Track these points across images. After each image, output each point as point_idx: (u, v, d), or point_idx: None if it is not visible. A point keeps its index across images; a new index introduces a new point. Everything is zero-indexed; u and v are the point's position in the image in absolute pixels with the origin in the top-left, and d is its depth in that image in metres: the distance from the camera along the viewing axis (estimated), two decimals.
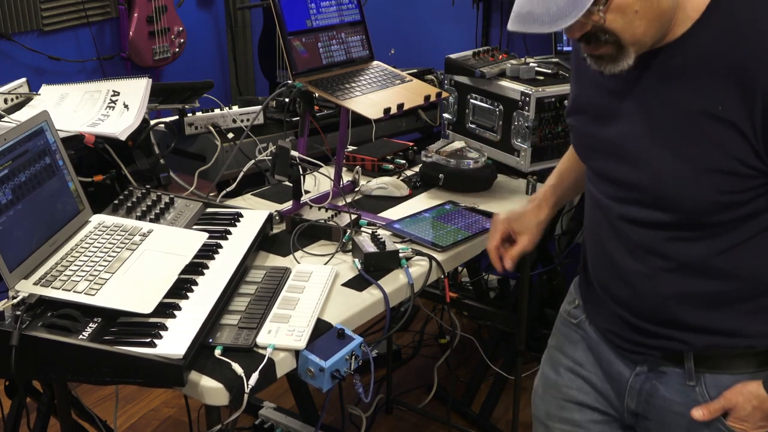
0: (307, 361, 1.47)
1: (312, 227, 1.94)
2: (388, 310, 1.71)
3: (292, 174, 1.94)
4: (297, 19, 2.04)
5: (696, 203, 1.28)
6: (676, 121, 1.27)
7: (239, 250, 1.73)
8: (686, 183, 1.27)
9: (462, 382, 3.11)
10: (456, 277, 3.59)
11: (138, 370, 1.34)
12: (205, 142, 2.29)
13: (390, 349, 3.02)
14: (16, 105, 2.07)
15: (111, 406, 2.73)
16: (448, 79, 2.62)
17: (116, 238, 1.65)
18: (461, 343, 3.31)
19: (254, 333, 1.49)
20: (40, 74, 3.56)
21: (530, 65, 2.47)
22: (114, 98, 2.07)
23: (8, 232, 1.46)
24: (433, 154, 2.32)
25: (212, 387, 1.37)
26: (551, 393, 1.65)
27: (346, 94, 2.01)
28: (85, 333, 1.39)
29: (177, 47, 3.97)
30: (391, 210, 2.16)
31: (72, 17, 3.69)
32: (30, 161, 1.58)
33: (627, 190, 1.36)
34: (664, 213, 1.32)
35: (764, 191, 1.26)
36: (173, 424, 2.87)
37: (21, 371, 1.36)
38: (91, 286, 1.48)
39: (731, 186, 1.25)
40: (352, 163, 2.41)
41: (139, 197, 1.87)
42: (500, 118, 2.44)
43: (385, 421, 2.96)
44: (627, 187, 1.35)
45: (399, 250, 1.82)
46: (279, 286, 1.67)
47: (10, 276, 1.45)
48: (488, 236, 1.76)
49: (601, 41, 1.24)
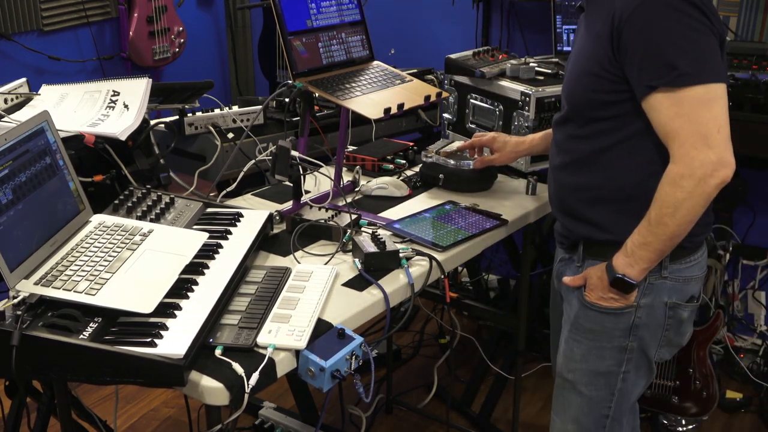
0: (307, 361, 1.47)
1: (312, 227, 1.94)
2: (388, 310, 1.71)
3: (292, 174, 1.94)
4: (297, 19, 2.04)
5: (578, 99, 1.72)
6: (583, 40, 1.72)
7: (239, 250, 1.73)
8: (573, 83, 1.73)
9: (462, 382, 3.11)
10: (456, 277, 3.60)
11: (138, 370, 1.34)
12: (205, 142, 2.29)
13: (390, 349, 3.02)
14: (16, 105, 2.07)
15: (111, 406, 2.73)
16: (448, 79, 2.62)
17: (117, 238, 1.65)
18: (461, 343, 3.32)
19: (254, 333, 1.49)
20: (40, 74, 3.55)
21: (530, 65, 2.48)
22: (114, 98, 2.07)
23: (9, 232, 1.46)
24: (433, 154, 2.32)
25: (212, 387, 1.37)
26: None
27: (346, 94, 2.01)
28: (85, 333, 1.39)
29: (177, 47, 3.97)
30: (391, 210, 2.16)
31: (72, 17, 3.69)
32: (30, 161, 1.58)
33: (563, 98, 1.81)
34: (567, 112, 1.77)
35: (625, 97, 1.63)
36: (173, 424, 2.87)
37: (21, 371, 1.36)
38: (91, 286, 1.48)
39: (597, 85, 1.66)
40: (352, 163, 2.41)
41: (139, 197, 1.87)
42: (500, 118, 2.44)
43: (385, 421, 2.96)
44: (564, 96, 1.80)
45: (399, 250, 1.82)
46: (279, 286, 1.67)
47: (11, 276, 1.45)
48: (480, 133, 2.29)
49: None
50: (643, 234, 1.64)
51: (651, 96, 1.58)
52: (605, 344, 1.79)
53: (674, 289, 1.76)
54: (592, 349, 1.81)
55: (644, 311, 1.75)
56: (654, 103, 1.58)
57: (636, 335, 1.77)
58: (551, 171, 1.87)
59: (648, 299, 1.74)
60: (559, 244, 1.93)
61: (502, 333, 3.09)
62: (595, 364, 1.81)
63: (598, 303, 1.76)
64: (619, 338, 1.78)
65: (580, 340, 1.82)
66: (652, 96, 1.57)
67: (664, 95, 1.56)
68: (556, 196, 1.86)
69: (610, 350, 1.79)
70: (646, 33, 1.56)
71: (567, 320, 1.87)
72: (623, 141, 1.68)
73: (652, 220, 1.62)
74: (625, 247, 1.68)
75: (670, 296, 1.76)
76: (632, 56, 1.58)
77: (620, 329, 1.77)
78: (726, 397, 2.98)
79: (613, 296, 1.73)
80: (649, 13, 1.55)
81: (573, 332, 1.83)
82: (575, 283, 1.81)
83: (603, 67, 1.63)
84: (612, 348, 1.79)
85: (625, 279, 1.68)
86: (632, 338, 1.77)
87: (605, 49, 1.62)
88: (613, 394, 1.82)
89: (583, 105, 1.71)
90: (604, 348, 1.79)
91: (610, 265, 1.70)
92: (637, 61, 1.57)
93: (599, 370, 1.81)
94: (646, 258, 1.66)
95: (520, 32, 3.42)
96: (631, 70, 1.60)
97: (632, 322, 1.76)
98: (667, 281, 1.74)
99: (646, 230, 1.63)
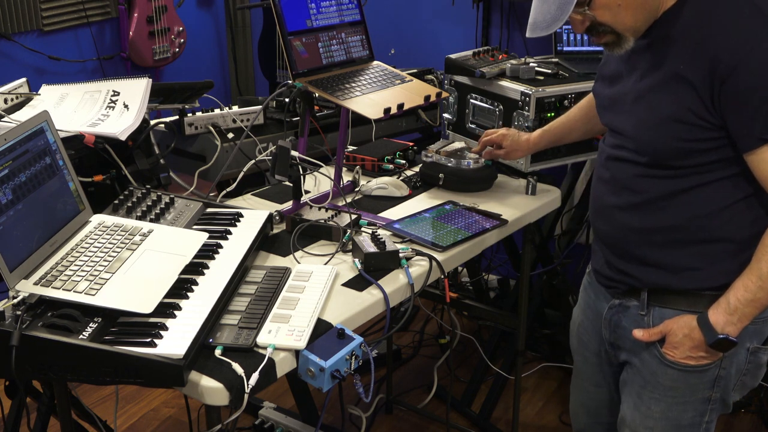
0: (307, 361, 1.47)
1: (312, 227, 1.94)
2: (388, 310, 1.71)
3: (292, 174, 1.94)
4: (297, 19, 2.04)
5: (660, 147, 1.55)
6: (653, 79, 1.55)
7: (239, 250, 1.73)
8: (653, 129, 1.55)
9: (462, 382, 3.11)
10: (456, 277, 3.60)
11: (138, 370, 1.34)
12: (205, 142, 2.29)
13: (390, 349, 3.02)
14: (16, 105, 2.07)
15: (111, 406, 2.73)
16: (448, 79, 2.62)
17: (116, 238, 1.65)
18: (461, 343, 3.32)
19: (254, 333, 1.49)
20: (40, 74, 3.55)
21: (530, 65, 2.48)
22: (114, 98, 2.07)
23: (8, 232, 1.46)
24: (433, 154, 2.32)
25: (212, 387, 1.37)
26: (574, 329, 1.96)
27: (346, 94, 2.01)
28: (85, 333, 1.39)
29: (177, 47, 3.96)
30: (391, 210, 2.16)
31: (72, 17, 3.68)
32: (30, 161, 1.58)
33: (617, 135, 1.66)
34: (638, 154, 1.60)
35: (719, 144, 1.51)
36: (173, 424, 2.87)
37: (21, 371, 1.36)
38: (91, 286, 1.48)
39: (687, 134, 1.51)
40: (352, 163, 2.41)
41: (139, 197, 1.87)
42: (500, 118, 2.44)
43: (385, 421, 2.96)
44: (617, 132, 1.66)
45: (399, 250, 1.82)
46: (279, 286, 1.67)
47: (11, 276, 1.45)
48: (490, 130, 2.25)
49: (601, 32, 1.55)
50: (752, 290, 1.50)
51: (763, 148, 1.46)
52: (688, 398, 1.67)
53: (755, 332, 1.63)
54: (672, 405, 1.68)
55: (728, 361, 1.63)
56: (766, 156, 1.47)
57: (719, 385, 1.66)
58: (605, 210, 1.70)
59: (732, 348, 1.60)
60: (608, 288, 1.77)
61: (502, 333, 3.09)
62: (677, 419, 1.69)
63: (685, 362, 1.62)
64: (703, 391, 1.66)
65: (659, 398, 1.69)
66: (765, 148, 1.46)
67: None
68: (616, 239, 1.69)
69: (693, 403, 1.67)
70: (761, 81, 1.43)
71: (636, 375, 1.72)
72: (711, 183, 1.55)
73: (764, 276, 1.49)
74: (727, 303, 1.53)
75: (751, 341, 1.64)
76: (742, 105, 1.45)
77: (704, 383, 1.65)
78: None
79: (703, 354, 1.59)
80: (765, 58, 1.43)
81: (650, 390, 1.70)
82: (651, 338, 1.65)
83: (696, 114, 1.49)
84: (695, 401, 1.67)
85: (729, 339, 1.54)
86: (716, 389, 1.66)
87: (698, 95, 1.48)
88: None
89: (667, 152, 1.55)
90: (687, 402, 1.67)
91: (706, 322, 1.56)
92: (749, 111, 1.45)
93: (682, 424, 1.70)
94: (751, 315, 1.53)
95: (520, 32, 3.42)
96: (737, 119, 1.47)
97: (717, 374, 1.64)
98: (750, 326, 1.58)
99: (756, 286, 1.50)
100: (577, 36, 2.80)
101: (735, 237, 1.56)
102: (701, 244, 1.59)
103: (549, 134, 2.13)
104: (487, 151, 2.23)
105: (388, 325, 1.71)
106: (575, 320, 1.96)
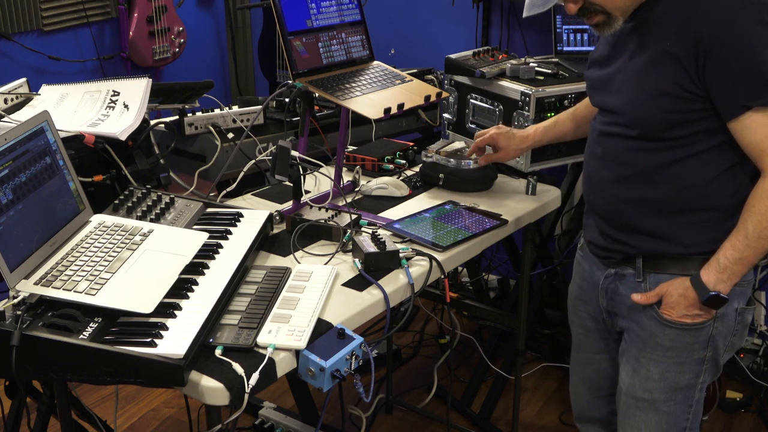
0: (307, 361, 1.47)
1: (312, 227, 1.94)
2: (388, 310, 1.71)
3: (292, 174, 1.94)
4: (297, 19, 2.04)
5: (650, 119, 1.64)
6: (642, 58, 1.65)
7: (239, 250, 1.73)
8: (643, 104, 1.64)
9: (462, 382, 3.11)
10: (456, 277, 3.59)
11: (138, 370, 1.34)
12: (205, 142, 2.29)
13: (390, 349, 3.02)
14: (16, 105, 2.07)
15: (111, 406, 2.73)
16: (448, 79, 2.62)
17: (117, 238, 1.65)
18: (461, 343, 3.32)
19: (255, 333, 1.49)
20: (40, 74, 3.55)
21: (530, 65, 2.48)
22: (114, 98, 2.07)
23: (9, 232, 1.46)
24: (433, 154, 2.32)
25: (212, 387, 1.37)
26: (571, 302, 2.04)
27: (346, 94, 2.01)
28: (85, 333, 1.39)
29: (177, 47, 3.96)
30: (391, 210, 2.16)
31: (72, 17, 3.69)
32: (30, 161, 1.58)
33: (609, 113, 1.74)
34: (629, 128, 1.68)
35: (705, 115, 1.60)
36: (173, 424, 2.87)
37: (21, 371, 1.37)
38: (91, 286, 1.48)
39: (675, 107, 1.60)
40: (352, 163, 2.41)
41: (139, 197, 1.87)
42: (500, 118, 2.44)
43: (385, 421, 2.96)
44: (609, 111, 1.74)
45: (399, 250, 1.82)
46: (279, 286, 1.67)
47: (11, 276, 1.45)
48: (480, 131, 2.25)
49: (593, 12, 1.65)
50: (739, 249, 1.61)
51: (745, 115, 1.56)
52: (685, 359, 1.75)
53: (742, 294, 1.74)
54: (670, 366, 1.76)
55: (720, 320, 1.72)
56: (748, 123, 1.56)
57: (712, 345, 1.74)
58: (599, 184, 1.78)
59: (723, 308, 1.70)
60: (604, 259, 1.84)
61: (502, 333, 3.09)
62: (674, 380, 1.78)
63: (682, 320, 1.71)
64: (698, 351, 1.74)
65: (657, 359, 1.77)
66: (747, 115, 1.56)
67: (761, 114, 1.55)
68: (610, 211, 1.77)
69: (689, 364, 1.76)
70: (741, 53, 1.53)
71: (635, 339, 1.80)
72: (698, 154, 1.64)
73: (750, 235, 1.59)
74: (717, 262, 1.63)
75: (739, 302, 1.74)
76: (724, 76, 1.55)
77: (699, 342, 1.73)
78: (726, 397, 2.98)
79: (698, 312, 1.69)
80: (744, 32, 1.53)
81: (649, 352, 1.77)
82: (649, 300, 1.74)
83: (683, 87, 1.58)
84: (691, 362, 1.76)
85: (720, 296, 1.64)
86: (709, 348, 1.75)
87: (684, 69, 1.57)
88: (691, 405, 1.80)
89: (656, 125, 1.64)
90: (684, 363, 1.76)
91: (699, 281, 1.66)
92: (731, 81, 1.55)
93: (679, 385, 1.78)
94: (740, 273, 1.63)
95: (520, 32, 3.42)
96: (720, 89, 1.56)
97: (710, 333, 1.73)
98: (737, 287, 1.69)
99: (743, 245, 1.60)
100: (577, 36, 2.80)
101: (721, 205, 1.65)
102: (691, 213, 1.68)
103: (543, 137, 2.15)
104: (483, 157, 2.24)
105: (388, 325, 1.71)
106: (571, 295, 2.04)
